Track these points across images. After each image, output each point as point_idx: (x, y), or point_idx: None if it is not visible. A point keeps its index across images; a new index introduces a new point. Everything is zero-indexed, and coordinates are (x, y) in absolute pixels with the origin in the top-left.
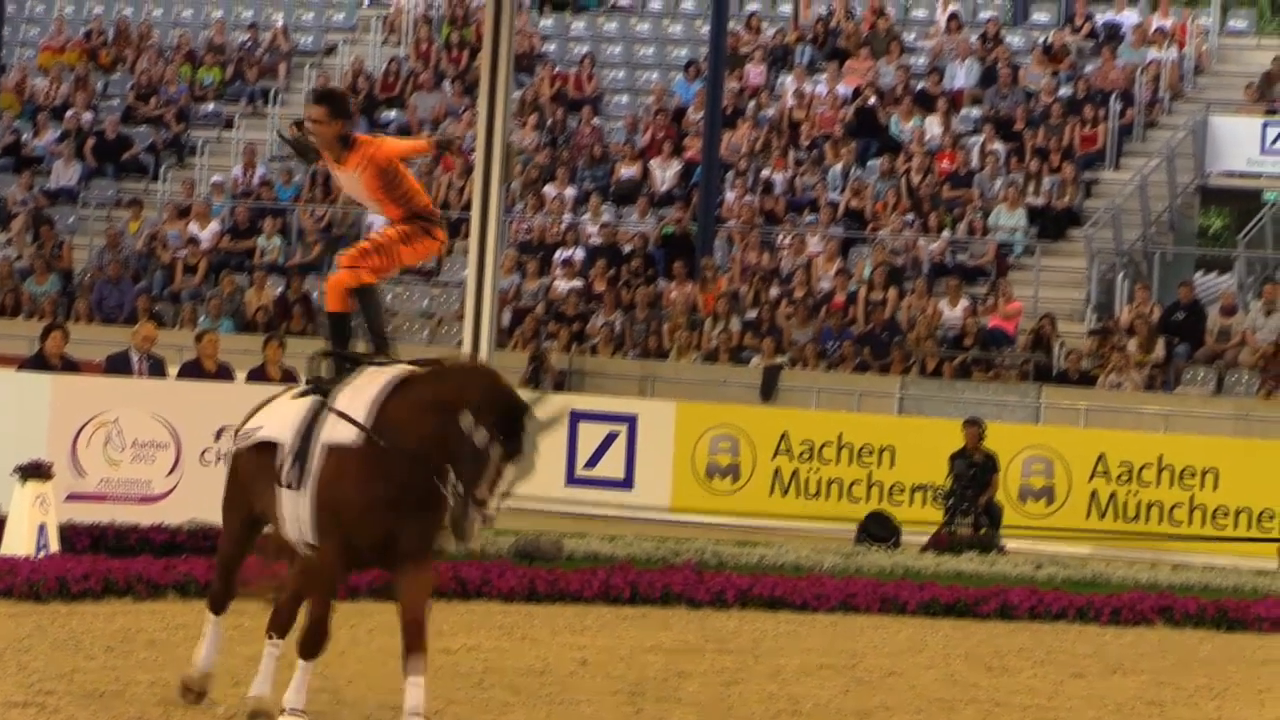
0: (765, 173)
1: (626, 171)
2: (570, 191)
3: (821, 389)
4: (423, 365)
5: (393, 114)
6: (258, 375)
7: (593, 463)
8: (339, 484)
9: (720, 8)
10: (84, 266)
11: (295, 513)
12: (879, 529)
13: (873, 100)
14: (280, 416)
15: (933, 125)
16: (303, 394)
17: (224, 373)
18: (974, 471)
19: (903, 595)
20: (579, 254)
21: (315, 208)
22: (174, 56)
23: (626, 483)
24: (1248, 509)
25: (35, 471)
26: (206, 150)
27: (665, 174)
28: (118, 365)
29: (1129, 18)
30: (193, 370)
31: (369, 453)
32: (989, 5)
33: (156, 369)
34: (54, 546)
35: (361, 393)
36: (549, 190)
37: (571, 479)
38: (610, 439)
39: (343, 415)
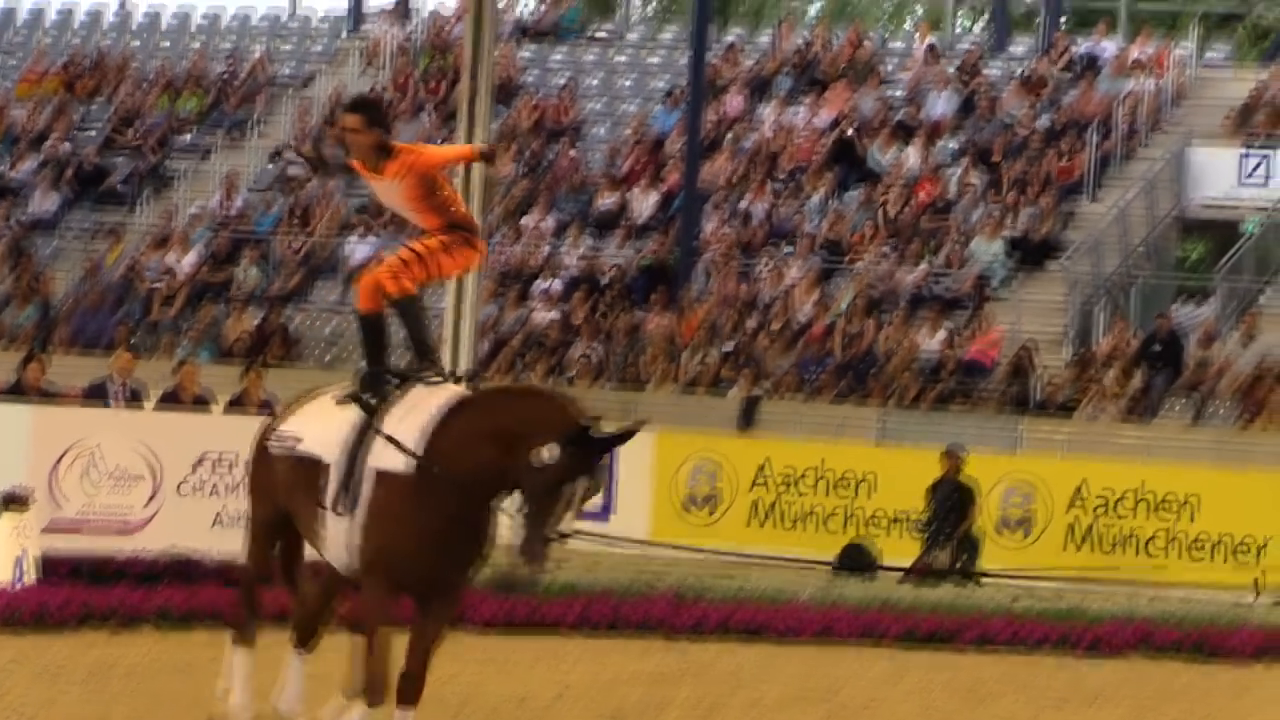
0: (744, 202)
1: (605, 201)
2: (549, 221)
3: (800, 419)
4: (471, 384)
5: None
6: (236, 404)
7: None
8: (389, 515)
9: (700, 37)
10: (63, 295)
11: (338, 538)
12: (857, 559)
13: (852, 130)
14: (322, 428)
15: (911, 155)
16: (345, 400)
17: (202, 402)
18: (952, 501)
19: (881, 625)
20: (558, 284)
21: (294, 237)
22: (153, 86)
23: (605, 512)
24: (1226, 539)
25: (14, 500)
26: (185, 179)
27: (644, 204)
28: (96, 394)
29: (1108, 47)
30: (171, 399)
31: (420, 482)
32: (968, 35)
33: (135, 398)
34: (32, 576)
35: (413, 416)
36: (528, 220)
37: None
38: None
39: (392, 440)
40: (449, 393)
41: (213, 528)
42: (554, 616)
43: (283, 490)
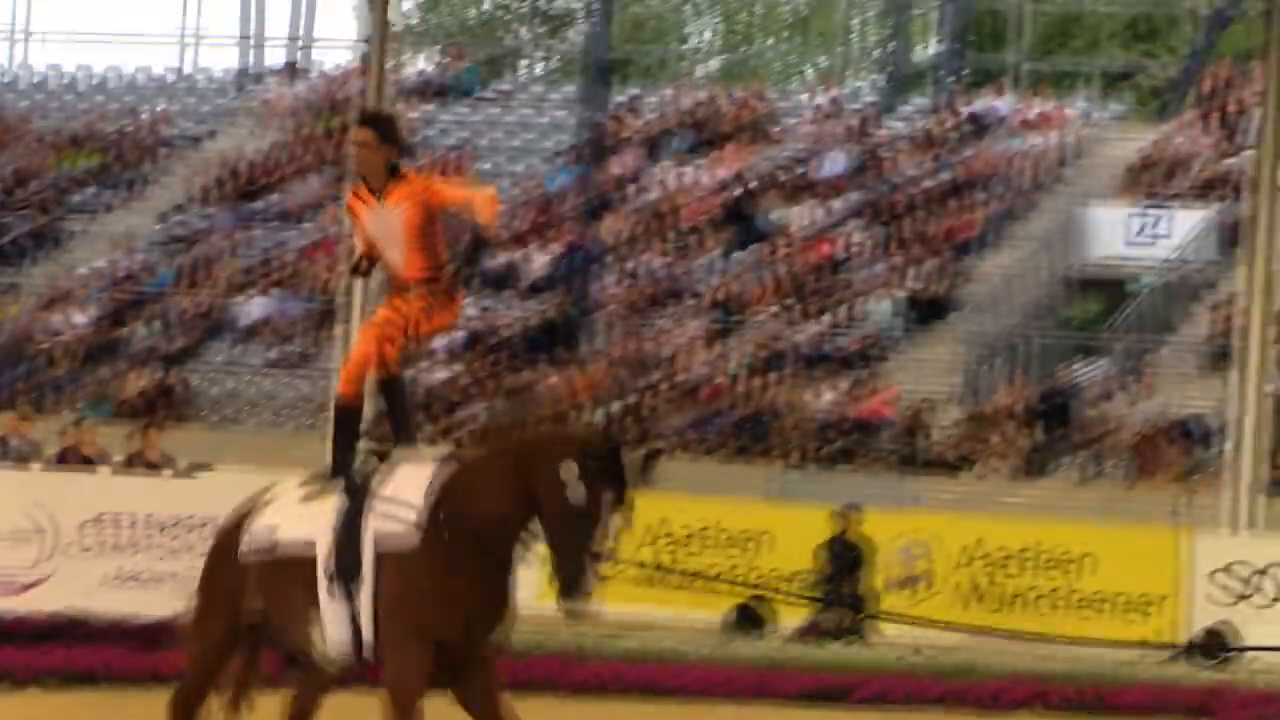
0: (639, 260)
1: (501, 259)
2: None
3: (694, 476)
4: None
5: (274, 198)
6: (131, 463)
7: None
8: (406, 581)
9: (595, 96)
10: None
11: (339, 617)
12: (751, 617)
13: (748, 186)
14: (300, 515)
15: (807, 212)
16: (317, 484)
17: (98, 460)
18: (846, 559)
19: (775, 683)
20: (453, 341)
21: (190, 295)
22: (48, 145)
23: None
24: (1120, 595)
25: None
26: (80, 238)
27: (539, 261)
28: None
29: (1003, 105)
30: (67, 458)
31: (432, 538)
32: (865, 92)
33: (29, 456)
34: None
35: (409, 478)
36: None
37: None
38: None
39: (391, 501)
40: (438, 453)
41: (107, 587)
42: None
43: (257, 593)
